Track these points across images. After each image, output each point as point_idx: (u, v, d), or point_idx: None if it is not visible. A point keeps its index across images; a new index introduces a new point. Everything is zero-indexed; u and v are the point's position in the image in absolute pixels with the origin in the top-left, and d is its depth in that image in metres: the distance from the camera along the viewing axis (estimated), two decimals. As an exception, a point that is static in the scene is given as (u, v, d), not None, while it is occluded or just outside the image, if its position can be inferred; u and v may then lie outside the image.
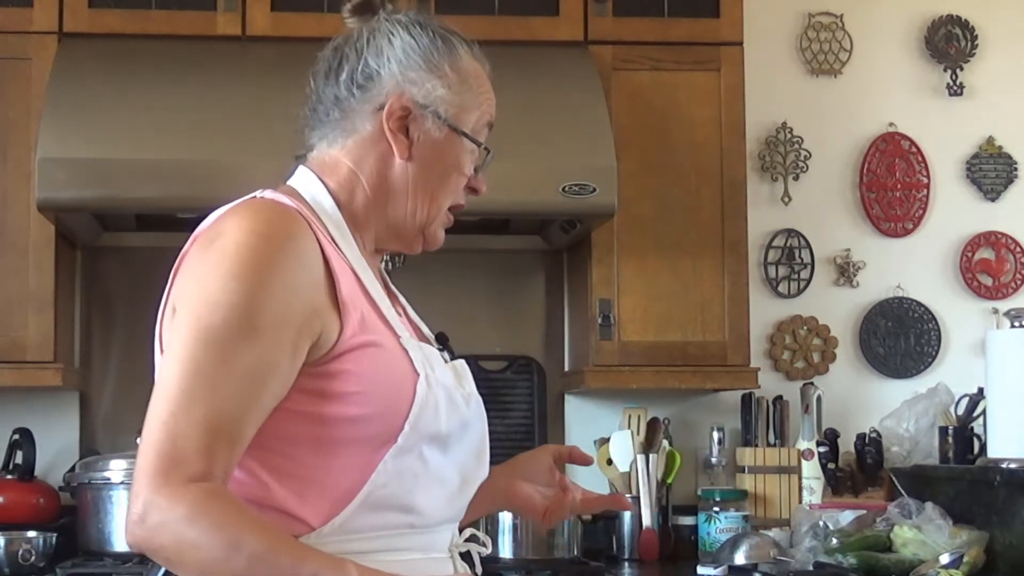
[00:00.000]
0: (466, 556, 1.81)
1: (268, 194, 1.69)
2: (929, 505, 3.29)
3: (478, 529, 1.84)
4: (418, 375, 1.65)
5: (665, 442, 3.77)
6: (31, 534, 3.38)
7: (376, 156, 1.74)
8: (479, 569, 1.85)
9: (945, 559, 3.09)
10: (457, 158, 1.76)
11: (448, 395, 1.69)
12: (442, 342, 1.83)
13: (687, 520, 3.77)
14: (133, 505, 1.50)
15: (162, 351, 1.63)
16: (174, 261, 1.68)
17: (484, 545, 1.83)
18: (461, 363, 1.81)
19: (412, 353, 1.67)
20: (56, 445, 3.76)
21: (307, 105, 1.79)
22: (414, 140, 1.73)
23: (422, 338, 1.79)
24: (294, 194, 1.71)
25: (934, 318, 4.07)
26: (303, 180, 1.75)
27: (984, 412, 3.43)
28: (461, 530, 1.80)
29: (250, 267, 1.55)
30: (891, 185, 4.07)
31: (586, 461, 2.02)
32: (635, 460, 3.72)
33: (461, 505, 1.75)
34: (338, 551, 1.58)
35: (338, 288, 1.61)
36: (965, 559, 3.09)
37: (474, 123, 1.77)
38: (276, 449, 1.60)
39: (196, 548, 1.48)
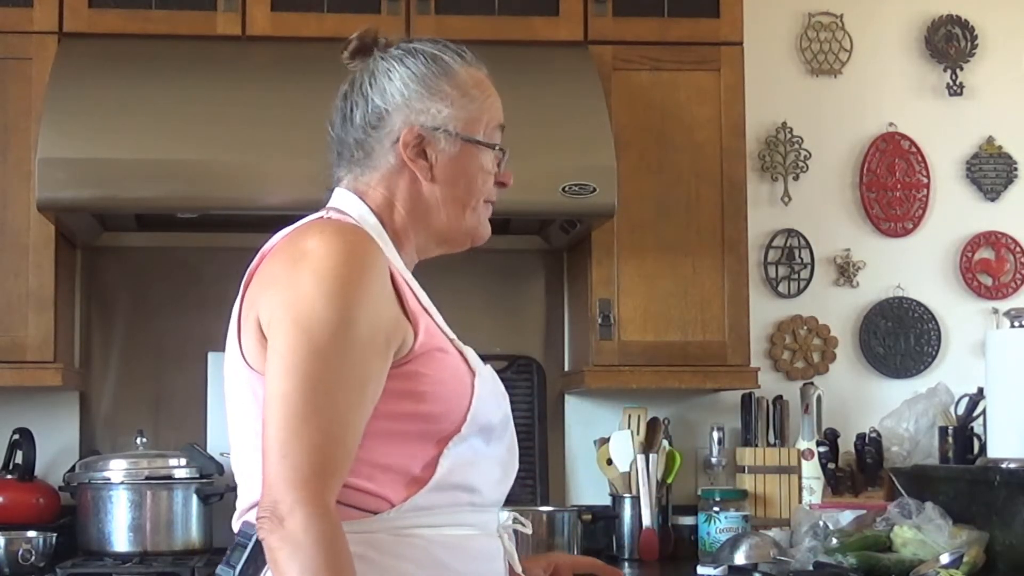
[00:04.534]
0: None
1: (334, 215, 1.84)
2: (929, 505, 3.29)
3: None
4: (474, 373, 1.81)
5: (665, 442, 3.77)
6: (31, 534, 3.38)
7: (405, 182, 1.88)
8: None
9: (945, 559, 3.09)
10: (479, 164, 1.90)
11: (493, 391, 1.84)
12: None
13: (687, 520, 3.77)
14: (278, 505, 1.60)
15: (245, 360, 1.76)
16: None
17: (525, 526, 1.97)
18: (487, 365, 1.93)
19: (467, 354, 1.83)
20: (56, 445, 3.76)
21: (330, 149, 1.94)
22: (433, 162, 1.87)
23: None
24: (346, 216, 1.85)
25: (934, 318, 4.07)
26: (347, 202, 1.88)
27: (984, 412, 3.43)
28: None
29: (348, 284, 1.69)
30: (891, 185, 4.07)
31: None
32: (635, 460, 3.72)
33: (503, 493, 1.89)
34: (413, 524, 1.74)
35: (404, 300, 1.77)
36: (965, 559, 3.08)
37: (484, 128, 1.91)
38: None
39: (299, 566, 1.58)
